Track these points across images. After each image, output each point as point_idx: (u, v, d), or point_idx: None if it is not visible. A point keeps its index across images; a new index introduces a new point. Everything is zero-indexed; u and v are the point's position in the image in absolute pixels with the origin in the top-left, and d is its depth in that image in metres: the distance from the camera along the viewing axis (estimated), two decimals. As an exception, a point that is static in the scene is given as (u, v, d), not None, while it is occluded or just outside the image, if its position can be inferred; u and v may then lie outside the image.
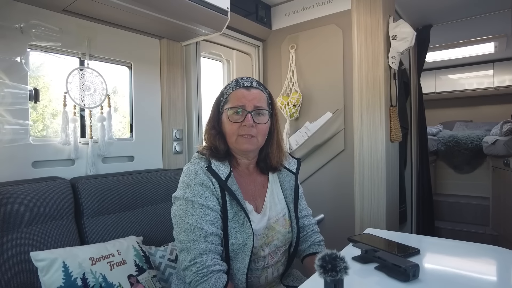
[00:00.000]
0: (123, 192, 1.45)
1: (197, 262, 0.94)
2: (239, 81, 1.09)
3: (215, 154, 1.06)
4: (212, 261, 0.95)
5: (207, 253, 0.95)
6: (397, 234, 1.18)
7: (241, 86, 1.07)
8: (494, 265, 0.97)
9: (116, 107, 1.77)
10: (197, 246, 0.95)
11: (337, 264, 0.65)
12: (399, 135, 2.02)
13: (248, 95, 1.05)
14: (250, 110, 1.04)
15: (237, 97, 1.05)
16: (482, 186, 3.76)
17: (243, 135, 1.04)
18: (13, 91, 1.28)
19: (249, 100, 1.04)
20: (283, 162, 1.17)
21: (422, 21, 2.65)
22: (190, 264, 0.95)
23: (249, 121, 1.03)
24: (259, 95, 1.07)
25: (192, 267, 0.95)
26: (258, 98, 1.07)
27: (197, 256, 0.94)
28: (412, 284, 0.78)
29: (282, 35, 2.33)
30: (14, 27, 1.29)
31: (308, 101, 2.21)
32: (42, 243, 1.17)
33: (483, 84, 4.34)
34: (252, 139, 1.05)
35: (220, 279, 0.94)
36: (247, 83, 1.08)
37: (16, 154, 1.32)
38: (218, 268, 0.95)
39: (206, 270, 0.93)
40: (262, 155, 1.15)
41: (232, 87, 1.08)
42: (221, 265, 0.97)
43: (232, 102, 1.06)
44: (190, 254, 0.95)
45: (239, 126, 1.04)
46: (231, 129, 1.05)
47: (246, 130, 1.03)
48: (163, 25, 1.64)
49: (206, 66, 2.20)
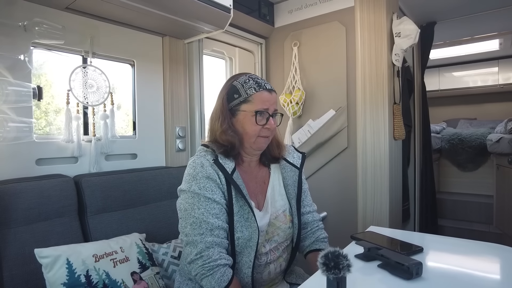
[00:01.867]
0: (126, 190, 1.45)
1: (203, 255, 0.95)
2: (259, 82, 1.09)
3: (225, 150, 1.06)
4: (218, 255, 0.95)
5: (213, 247, 0.96)
6: (400, 232, 1.17)
7: (264, 88, 1.08)
8: (498, 263, 0.97)
9: (119, 105, 1.78)
10: (204, 239, 0.96)
11: (340, 261, 0.65)
12: (402, 133, 2.01)
13: (271, 98, 1.08)
14: (271, 113, 1.08)
15: (262, 99, 1.06)
16: (486, 184, 3.74)
17: (263, 136, 1.08)
18: (17, 89, 1.29)
19: (272, 103, 1.08)
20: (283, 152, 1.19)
21: (426, 18, 2.63)
22: (196, 258, 0.95)
23: (272, 125, 1.07)
24: (276, 98, 1.12)
25: (198, 260, 0.95)
26: (276, 102, 1.12)
27: (204, 250, 0.95)
28: (415, 282, 0.78)
29: (285, 32, 2.32)
30: (18, 25, 1.30)
31: (311, 98, 2.20)
32: (46, 240, 1.18)
33: (487, 82, 4.30)
34: (268, 139, 1.10)
35: (225, 273, 0.94)
36: (268, 86, 1.10)
37: (20, 152, 1.32)
38: (224, 262, 0.96)
39: (212, 264, 0.94)
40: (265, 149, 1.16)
41: (255, 88, 1.07)
42: (227, 259, 0.97)
43: (257, 104, 1.06)
44: (197, 247, 0.96)
45: (261, 128, 1.06)
46: (254, 130, 1.06)
47: (267, 132, 1.08)
48: (166, 23, 1.63)
49: (209, 64, 2.19)
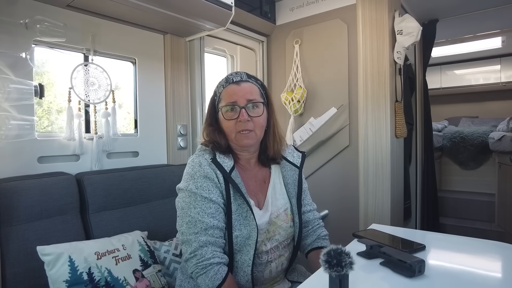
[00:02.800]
0: (128, 187, 1.45)
1: (197, 254, 0.96)
2: (228, 77, 1.09)
3: (218, 148, 1.07)
4: (211, 254, 0.96)
5: (207, 246, 0.96)
6: (402, 230, 1.17)
7: (231, 82, 1.07)
8: (500, 261, 0.97)
9: (121, 104, 1.78)
10: (197, 238, 0.96)
11: (342, 259, 0.65)
12: (404, 131, 2.01)
13: (239, 90, 1.05)
14: (243, 105, 1.04)
15: (228, 94, 1.06)
16: (487, 183, 3.73)
17: (241, 131, 1.04)
18: (19, 86, 1.29)
19: (240, 95, 1.04)
20: (283, 152, 1.17)
21: (428, 16, 2.62)
22: (191, 257, 0.97)
23: (243, 116, 1.02)
24: (250, 88, 1.07)
25: (193, 259, 0.96)
26: (250, 91, 1.06)
27: (197, 249, 0.96)
28: (417, 280, 0.78)
29: (287, 30, 2.31)
30: (19, 23, 1.30)
31: (313, 96, 2.20)
32: (48, 237, 1.18)
33: (489, 80, 4.28)
34: (250, 134, 1.05)
35: (219, 271, 0.95)
36: (236, 78, 1.08)
37: (22, 150, 1.33)
38: (218, 261, 0.96)
39: (206, 263, 0.95)
40: (262, 147, 1.15)
41: (223, 85, 1.08)
42: (220, 257, 0.97)
43: (224, 99, 1.06)
44: (191, 246, 0.97)
45: (235, 123, 1.04)
46: (228, 127, 1.05)
47: (243, 126, 1.03)
48: (167, 20, 1.63)
49: (210, 62, 2.19)
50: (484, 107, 4.61)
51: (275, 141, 1.13)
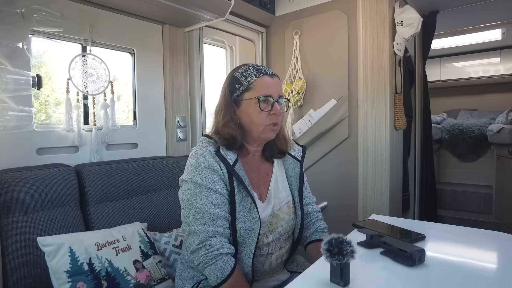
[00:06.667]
0: (127, 179, 1.45)
1: (205, 245, 0.95)
2: (259, 68, 1.06)
3: (227, 144, 1.04)
4: (220, 244, 0.95)
5: (215, 236, 0.96)
6: (402, 221, 1.18)
7: (265, 73, 1.05)
8: (499, 250, 0.97)
9: (120, 95, 1.76)
10: (206, 229, 0.96)
11: (343, 248, 0.65)
12: (403, 123, 2.01)
13: (273, 83, 1.05)
14: (276, 99, 1.04)
15: (264, 85, 1.04)
16: (485, 175, 3.75)
17: (271, 124, 1.04)
18: (16, 77, 1.28)
19: (275, 89, 1.05)
20: (289, 146, 1.17)
21: (429, 7, 2.59)
22: (199, 247, 0.96)
23: (278, 110, 1.03)
24: (279, 83, 1.09)
25: (201, 250, 0.95)
26: (280, 87, 1.08)
27: (206, 239, 0.95)
28: (418, 269, 0.78)
29: (286, 21, 2.29)
30: (15, 12, 1.28)
31: (312, 88, 2.19)
32: (48, 229, 1.18)
33: (489, 72, 4.28)
34: (276, 127, 1.06)
35: (228, 262, 0.95)
36: (268, 71, 1.07)
37: (20, 141, 1.32)
38: (227, 251, 0.96)
39: (215, 253, 0.94)
40: (268, 143, 1.14)
41: (255, 74, 1.04)
42: (229, 248, 0.97)
43: (259, 90, 1.03)
44: (199, 237, 0.96)
45: (267, 115, 1.03)
46: (260, 118, 1.03)
47: (275, 119, 1.04)
48: (166, 11, 1.61)
49: (209, 53, 2.17)
50: (483, 99, 4.61)
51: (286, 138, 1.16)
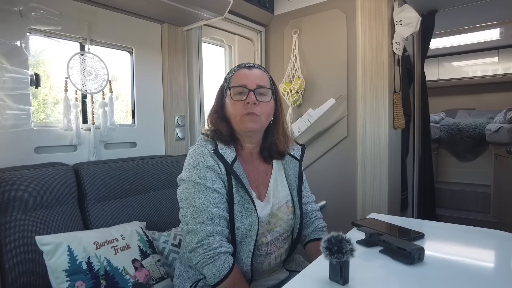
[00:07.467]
0: (126, 178, 1.45)
1: (204, 244, 0.95)
2: (241, 64, 1.11)
3: (219, 137, 1.06)
4: (219, 243, 0.95)
5: (214, 235, 0.95)
6: (400, 219, 1.18)
7: (243, 67, 1.09)
8: (497, 248, 0.98)
9: (118, 94, 1.76)
10: (204, 228, 0.95)
11: (343, 246, 0.65)
12: (402, 122, 2.01)
13: (250, 74, 1.06)
14: (252, 89, 1.03)
15: (239, 77, 1.07)
16: (484, 174, 3.76)
17: (247, 114, 1.03)
18: (14, 75, 1.27)
19: (251, 79, 1.05)
20: (289, 145, 1.16)
21: (427, 6, 2.59)
22: (197, 246, 0.95)
23: (252, 98, 1.02)
24: (261, 74, 1.08)
25: (199, 248, 0.95)
26: (261, 77, 1.07)
27: (204, 238, 0.95)
28: (417, 267, 0.79)
29: (285, 20, 2.29)
30: (13, 10, 1.27)
31: (311, 87, 2.19)
32: (46, 228, 1.18)
33: (487, 72, 4.29)
34: (256, 118, 1.03)
35: (226, 261, 0.94)
36: (248, 64, 1.10)
37: (18, 140, 1.31)
38: (225, 250, 0.96)
39: (213, 252, 0.94)
40: (267, 142, 1.14)
41: (234, 70, 1.10)
42: (227, 247, 0.97)
43: (234, 82, 1.06)
44: (197, 236, 0.96)
45: (242, 105, 1.03)
46: (235, 109, 1.04)
47: (250, 108, 1.02)
48: (164, 9, 1.61)
49: (208, 52, 2.17)
50: (481, 99, 4.62)
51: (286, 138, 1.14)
